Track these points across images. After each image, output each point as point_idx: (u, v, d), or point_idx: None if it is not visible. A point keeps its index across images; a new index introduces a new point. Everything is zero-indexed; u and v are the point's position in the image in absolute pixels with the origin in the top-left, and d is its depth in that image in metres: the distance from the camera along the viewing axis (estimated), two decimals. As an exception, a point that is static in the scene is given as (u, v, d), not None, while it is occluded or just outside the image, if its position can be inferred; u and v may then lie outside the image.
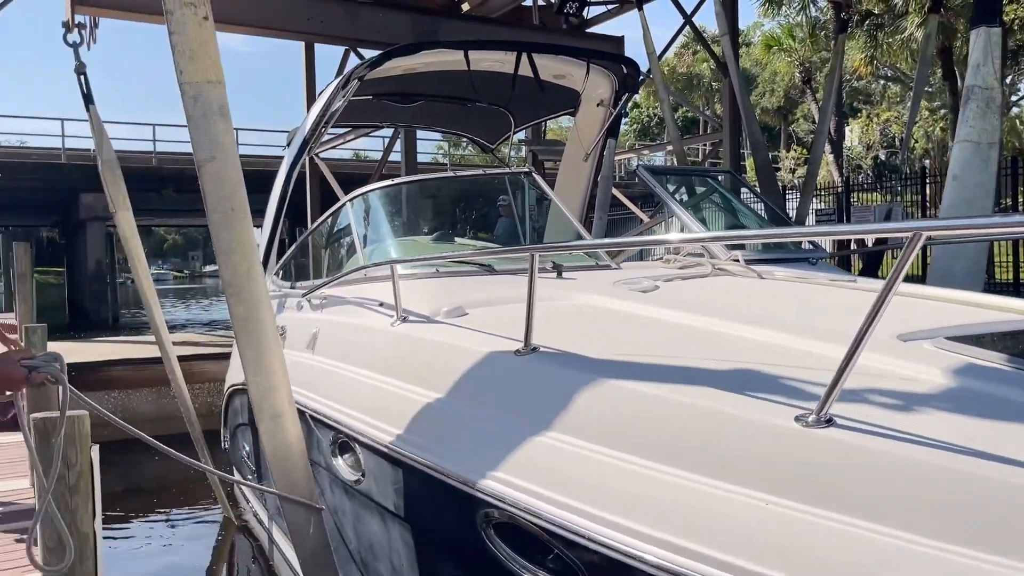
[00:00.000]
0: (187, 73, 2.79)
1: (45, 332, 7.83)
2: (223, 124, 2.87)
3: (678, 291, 3.37)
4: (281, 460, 3.21)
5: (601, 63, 5.43)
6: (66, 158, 24.48)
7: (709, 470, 1.99)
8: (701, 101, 41.98)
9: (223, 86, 2.87)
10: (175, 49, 2.77)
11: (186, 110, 2.85)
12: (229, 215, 2.95)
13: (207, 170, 2.89)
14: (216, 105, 2.85)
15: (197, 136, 2.85)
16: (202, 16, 2.77)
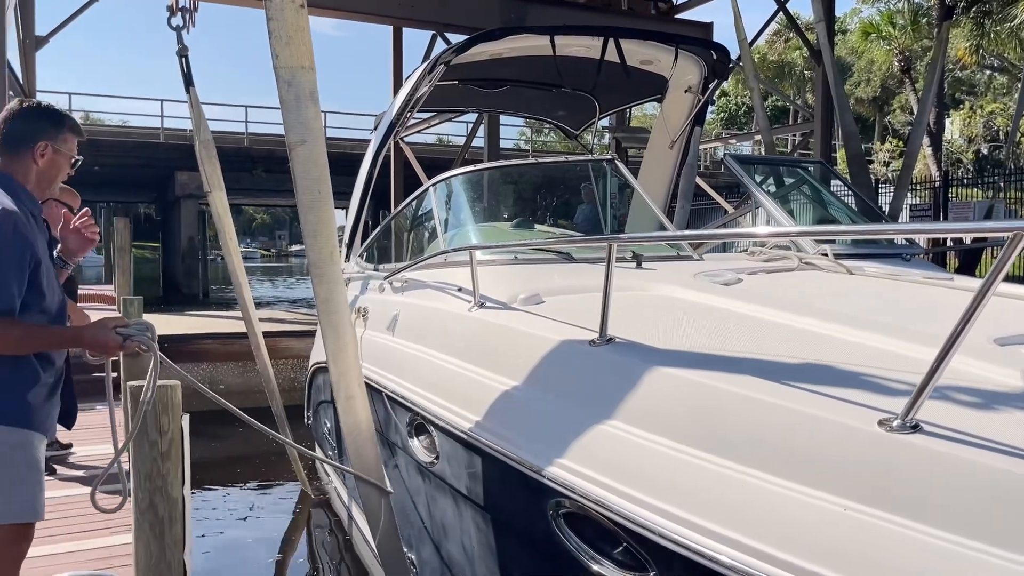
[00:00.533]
0: (282, 58, 2.86)
1: (141, 304, 8.17)
2: (313, 109, 2.94)
3: (762, 285, 3.28)
4: (353, 440, 3.28)
5: (690, 48, 5.31)
6: (164, 137, 25.49)
7: (785, 471, 1.93)
8: (792, 90, 40.85)
9: (314, 72, 2.93)
10: (272, 35, 2.84)
11: (280, 94, 2.92)
12: (317, 198, 3.01)
13: (298, 153, 2.95)
14: (308, 90, 2.91)
15: (289, 119, 2.92)
16: (298, 3, 2.84)
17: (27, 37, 15.55)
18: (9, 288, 2.38)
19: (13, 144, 2.60)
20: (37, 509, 2.56)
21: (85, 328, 2.56)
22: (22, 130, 2.60)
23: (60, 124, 2.67)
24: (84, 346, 2.55)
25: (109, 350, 2.53)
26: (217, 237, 14.27)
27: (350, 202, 5.69)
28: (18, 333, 2.42)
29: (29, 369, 2.52)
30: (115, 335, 2.49)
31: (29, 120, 2.62)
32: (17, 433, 2.49)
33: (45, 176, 2.66)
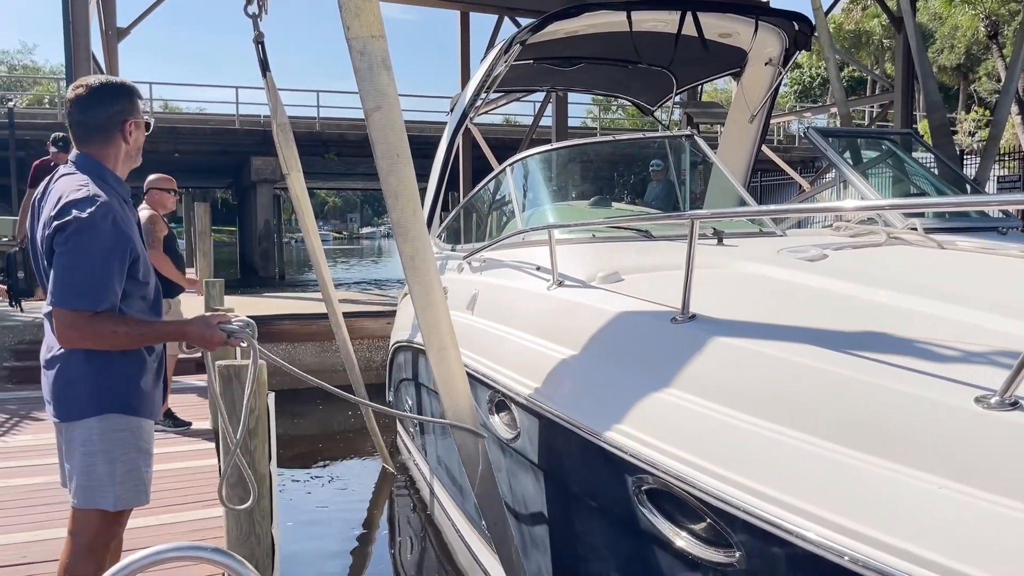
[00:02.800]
0: (353, 29, 2.90)
1: (223, 286, 8.45)
2: (386, 76, 2.97)
3: (849, 260, 3.21)
4: (448, 390, 3.36)
5: (771, 20, 5.18)
6: (240, 124, 26.05)
7: (875, 449, 1.90)
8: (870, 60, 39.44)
9: (385, 40, 2.95)
10: (342, 8, 2.88)
11: (353, 63, 2.96)
12: (395, 160, 3.05)
13: (374, 119, 2.99)
14: (380, 58, 2.95)
15: (364, 87, 2.95)
16: None
17: (109, 29, 16.08)
18: (112, 286, 2.41)
19: (99, 131, 2.56)
20: (145, 495, 2.63)
21: (189, 323, 2.59)
22: (105, 115, 2.55)
23: (132, 95, 2.62)
24: (188, 340, 2.58)
25: (212, 344, 2.56)
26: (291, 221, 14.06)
27: (427, 184, 5.75)
28: (125, 330, 2.46)
29: (136, 356, 2.57)
30: (219, 331, 2.53)
31: (107, 102, 2.55)
32: (129, 420, 2.55)
33: (132, 151, 2.65)
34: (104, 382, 2.51)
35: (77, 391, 2.50)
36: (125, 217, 2.52)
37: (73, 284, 2.37)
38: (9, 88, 36.73)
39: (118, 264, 2.43)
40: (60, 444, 2.64)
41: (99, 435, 2.51)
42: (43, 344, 2.63)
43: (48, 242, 2.42)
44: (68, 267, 2.37)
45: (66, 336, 2.41)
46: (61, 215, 2.38)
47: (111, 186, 2.53)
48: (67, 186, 2.46)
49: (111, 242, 2.41)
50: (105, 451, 2.52)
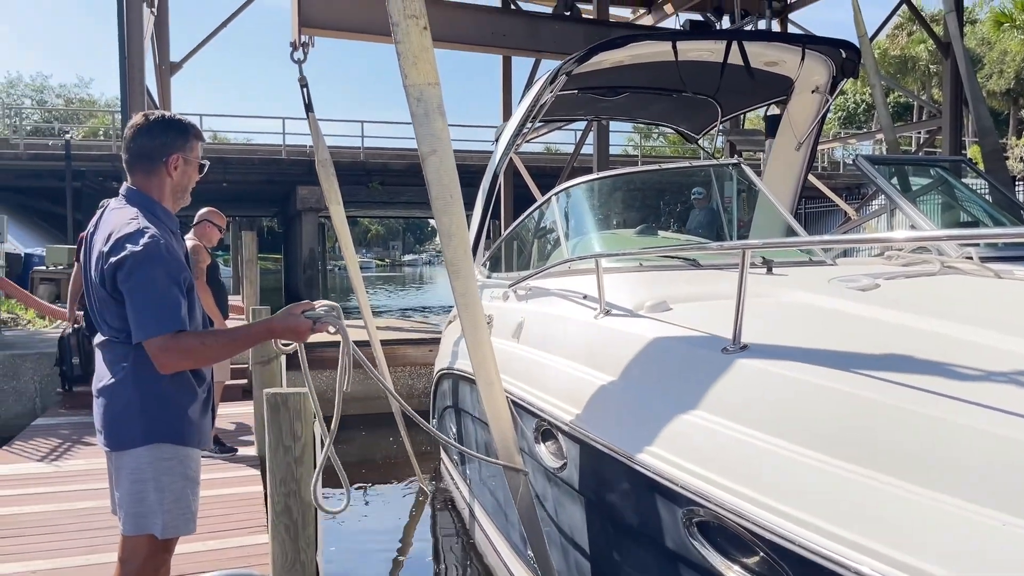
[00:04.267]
0: (411, 76, 2.99)
1: (269, 313, 8.58)
2: (441, 121, 3.06)
3: (902, 290, 3.16)
4: (495, 423, 3.42)
5: (818, 48, 5.16)
6: (286, 154, 26.60)
7: (934, 483, 1.86)
8: (916, 86, 38.98)
9: (439, 87, 3.07)
10: (400, 56, 2.98)
11: (410, 109, 3.06)
12: (449, 202, 3.14)
13: (430, 162, 3.08)
14: (435, 104, 3.04)
15: (420, 132, 3.04)
16: (422, 26, 2.98)
17: (163, 63, 16.58)
18: (180, 306, 2.47)
19: (145, 160, 2.61)
20: (192, 523, 2.67)
21: (274, 318, 2.62)
22: (152, 145, 2.61)
23: (186, 133, 2.68)
24: (277, 335, 2.61)
25: (301, 334, 2.59)
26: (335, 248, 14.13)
27: (472, 212, 5.81)
28: (213, 340, 2.53)
29: (186, 385, 2.60)
30: (304, 320, 2.56)
31: (158, 134, 2.62)
32: (178, 450, 2.59)
33: (179, 187, 2.70)
34: (154, 411, 2.55)
35: (128, 420, 2.54)
36: (175, 248, 2.57)
37: (148, 314, 2.42)
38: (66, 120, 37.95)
39: (178, 287, 2.49)
40: (111, 471, 2.69)
41: (148, 464, 2.55)
42: (95, 373, 2.68)
43: (104, 276, 2.47)
44: (138, 301, 2.42)
45: (163, 362, 2.45)
46: (116, 251, 2.43)
47: (160, 219, 2.59)
48: (118, 220, 2.52)
49: (169, 269, 2.47)
50: (154, 479, 2.55)
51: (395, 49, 3.00)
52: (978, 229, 3.87)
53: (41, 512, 5.20)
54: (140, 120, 2.64)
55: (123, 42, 12.54)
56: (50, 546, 4.58)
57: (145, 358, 2.48)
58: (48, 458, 6.55)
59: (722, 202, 5.31)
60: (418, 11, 2.96)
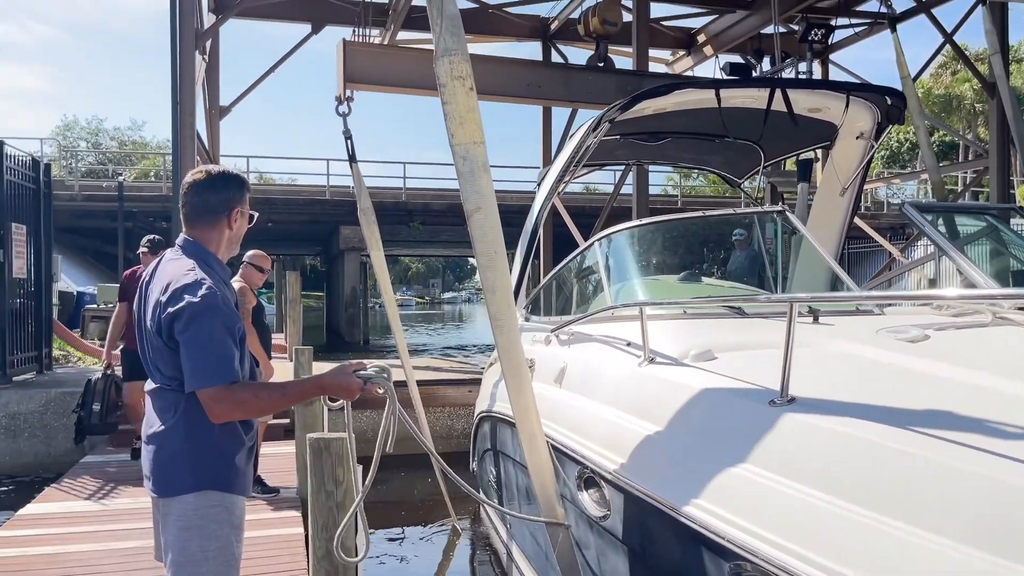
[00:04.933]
0: (457, 136, 3.07)
1: (311, 354, 8.68)
2: (486, 179, 3.13)
3: (952, 342, 3.11)
4: (537, 476, 3.44)
5: (862, 95, 5.16)
6: (330, 195, 27.06)
7: (988, 545, 1.82)
8: (961, 125, 38.52)
9: (485, 145, 3.15)
10: (447, 116, 3.07)
11: (456, 167, 3.14)
12: (493, 257, 3.20)
13: (475, 219, 3.14)
14: (480, 162, 3.12)
15: (466, 190, 3.11)
16: (468, 87, 3.07)
17: (212, 108, 17.06)
18: (234, 358, 2.52)
19: (207, 214, 2.70)
20: (236, 570, 2.68)
21: (325, 376, 2.65)
22: (216, 200, 2.70)
23: (243, 187, 2.78)
24: (327, 392, 2.65)
25: (351, 393, 2.62)
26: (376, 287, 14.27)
27: (515, 255, 5.86)
28: (267, 393, 2.57)
29: (234, 433, 2.64)
30: (355, 379, 2.60)
31: (221, 189, 2.72)
32: (224, 497, 2.61)
33: (234, 239, 2.79)
34: (202, 459, 2.58)
35: (176, 467, 2.58)
36: (231, 300, 2.64)
37: (204, 364, 2.47)
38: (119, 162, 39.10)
39: (233, 339, 2.54)
40: (156, 518, 2.72)
41: (194, 511, 2.57)
42: (144, 420, 2.73)
43: (161, 325, 2.53)
44: (195, 351, 2.47)
45: (216, 412, 2.50)
46: (174, 301, 2.49)
47: (214, 269, 2.66)
48: (175, 271, 2.59)
49: (225, 321, 2.53)
50: (200, 527, 2.58)
51: (442, 110, 3.08)
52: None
53: (86, 551, 5.28)
54: (201, 175, 2.74)
55: (176, 88, 12.95)
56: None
57: (195, 406, 2.52)
58: (95, 496, 6.66)
59: (764, 243, 5.29)
60: (465, 73, 3.05)
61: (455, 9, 3.10)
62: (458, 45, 3.07)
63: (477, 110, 3.10)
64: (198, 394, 2.49)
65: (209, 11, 16.21)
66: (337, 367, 2.66)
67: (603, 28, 13.92)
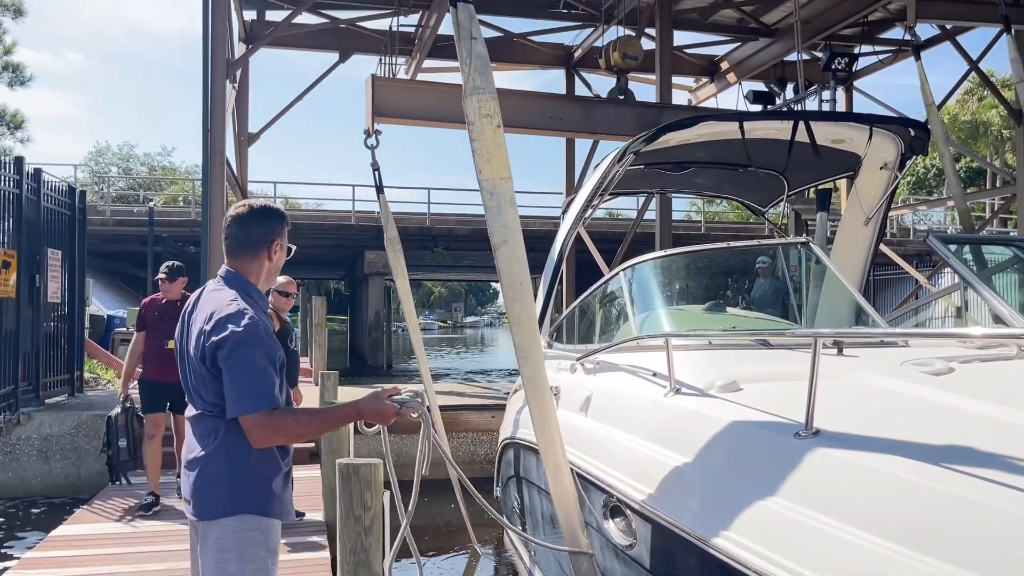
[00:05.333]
0: (485, 172, 3.17)
1: (337, 378, 8.77)
2: (512, 213, 3.22)
3: (977, 376, 3.13)
4: (561, 505, 3.47)
5: (886, 127, 5.20)
6: (355, 220, 27.33)
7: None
8: (988, 151, 38.20)
9: (511, 181, 3.23)
10: (476, 153, 3.17)
11: (484, 202, 3.24)
12: (519, 290, 3.28)
13: (502, 252, 3.23)
14: (507, 197, 3.21)
15: (493, 223, 3.20)
16: (496, 124, 3.17)
17: (241, 135, 17.37)
18: (276, 385, 2.60)
19: (252, 246, 2.81)
20: None
21: (361, 401, 2.72)
22: (258, 233, 2.81)
23: (284, 221, 2.90)
24: (364, 418, 2.73)
25: (387, 418, 2.70)
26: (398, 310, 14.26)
27: (540, 282, 5.93)
28: (307, 419, 2.67)
29: (272, 459, 2.72)
30: (391, 404, 2.67)
31: (263, 223, 2.83)
32: (262, 521, 2.69)
33: (273, 270, 2.89)
34: (241, 484, 2.66)
35: (216, 492, 2.65)
36: (271, 329, 2.73)
37: (248, 391, 2.55)
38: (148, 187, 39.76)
39: (275, 368, 2.63)
40: (194, 541, 2.80)
41: (233, 534, 2.64)
42: (184, 444, 2.82)
43: (205, 353, 2.62)
44: (239, 378, 2.56)
45: (258, 437, 2.58)
46: (217, 330, 2.58)
47: (254, 300, 2.76)
48: (219, 301, 2.68)
49: (267, 349, 2.61)
50: (238, 549, 2.64)
51: (470, 146, 3.17)
52: None
53: (117, 573, 5.37)
54: (244, 209, 2.85)
55: (207, 116, 13.21)
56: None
57: (235, 432, 2.61)
58: (125, 518, 6.76)
59: (788, 271, 5.32)
60: (492, 111, 3.15)
61: (484, 49, 3.21)
62: (486, 84, 3.17)
63: (504, 147, 3.19)
64: (240, 420, 2.57)
65: (240, 41, 16.56)
66: (373, 392, 2.74)
67: (623, 62, 14.21)
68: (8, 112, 16.18)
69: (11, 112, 16.31)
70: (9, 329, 9.42)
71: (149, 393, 6.81)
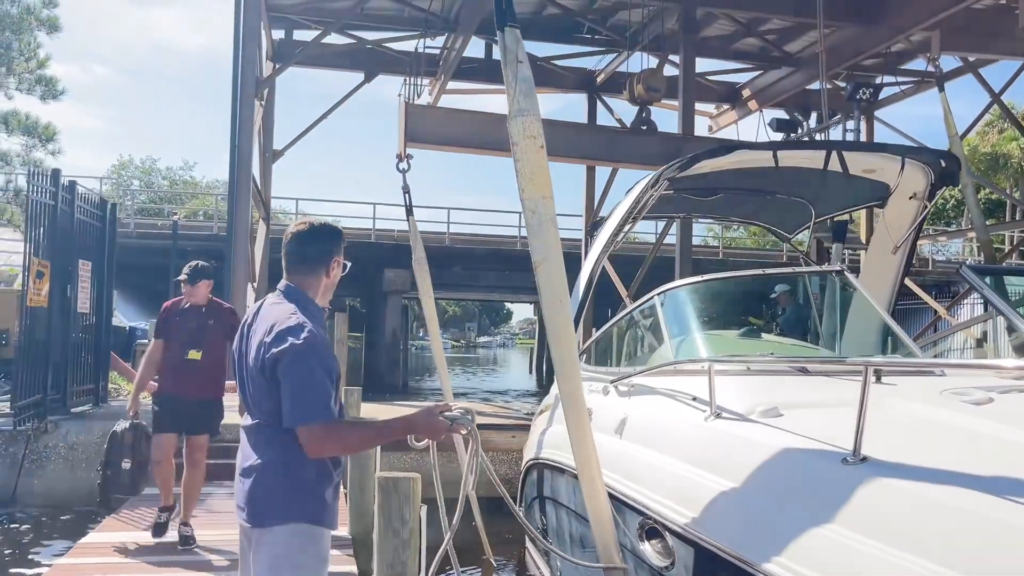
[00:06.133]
0: (527, 191, 3.25)
1: (360, 394, 8.85)
2: (553, 232, 3.30)
3: (1017, 405, 3.18)
4: (596, 521, 3.51)
5: (918, 157, 5.28)
6: (375, 237, 27.51)
7: None
8: (1008, 183, 38.05)
9: (553, 200, 3.30)
10: (519, 173, 3.25)
11: (526, 220, 3.32)
12: (559, 307, 3.33)
13: (542, 269, 3.30)
14: (548, 216, 3.28)
15: (534, 242, 3.28)
16: (540, 145, 3.25)
17: (266, 152, 17.60)
18: (332, 398, 2.69)
19: (311, 263, 2.90)
20: None
21: (414, 416, 2.80)
22: (319, 250, 2.91)
23: (341, 239, 3.00)
24: (417, 432, 2.82)
25: (437, 434, 2.80)
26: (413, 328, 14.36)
27: (571, 305, 6.01)
28: (361, 432, 2.76)
29: (325, 470, 2.79)
30: (442, 420, 2.75)
31: (324, 241, 2.93)
32: (315, 530, 2.76)
33: (330, 285, 2.97)
34: (296, 493, 2.73)
35: (271, 500, 2.73)
36: (330, 343, 2.82)
37: (307, 403, 2.64)
38: (170, 201, 40.16)
39: (332, 382, 2.71)
40: (244, 547, 2.88)
41: (286, 541, 2.72)
42: (239, 453, 2.90)
43: (264, 365, 2.70)
44: (296, 389, 2.65)
45: (316, 447, 2.66)
46: (278, 342, 2.67)
47: (313, 314, 2.83)
48: (279, 314, 2.77)
49: (324, 363, 2.69)
50: (289, 556, 2.72)
51: (514, 166, 3.26)
52: None
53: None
54: (304, 227, 2.95)
55: (234, 133, 13.45)
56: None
57: (291, 442, 2.68)
58: (153, 528, 6.82)
59: (812, 298, 5.37)
60: (536, 132, 3.24)
61: (529, 72, 3.30)
62: (531, 106, 3.26)
63: (547, 167, 3.27)
64: (297, 430, 2.65)
65: (268, 59, 16.84)
66: (425, 408, 2.82)
67: (647, 94, 14.53)
68: (40, 124, 16.43)
69: (43, 124, 16.54)
70: (40, 338, 9.56)
71: (163, 409, 6.01)
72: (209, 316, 6.07)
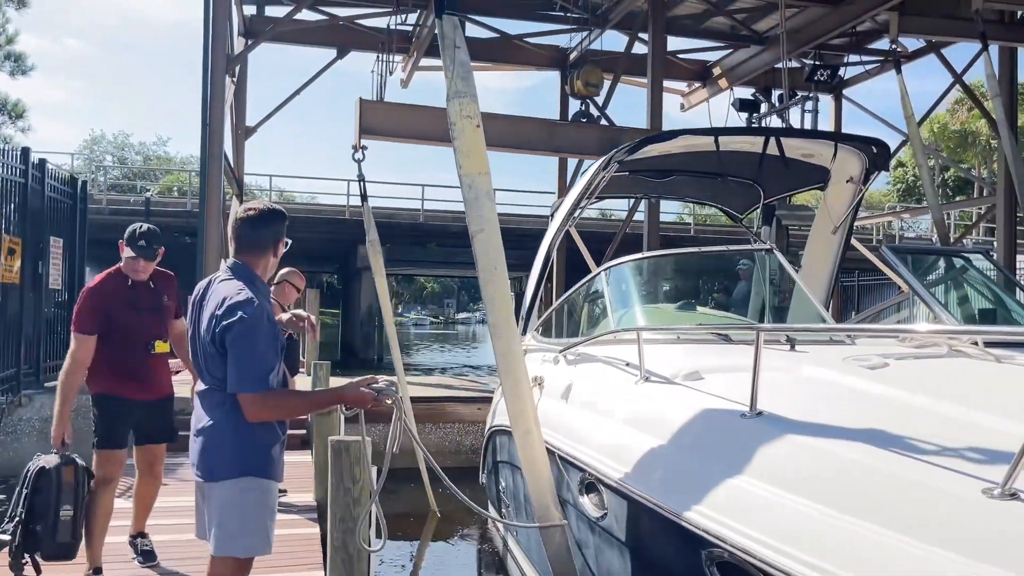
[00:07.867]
0: (464, 167, 3.56)
1: (329, 368, 9.12)
2: (489, 204, 3.61)
3: (908, 370, 3.53)
4: (530, 470, 3.83)
5: (849, 144, 5.60)
6: (349, 214, 27.57)
7: (904, 530, 2.23)
8: (977, 160, 38.73)
9: (489, 175, 3.62)
10: (457, 150, 3.56)
11: (463, 193, 3.64)
12: (493, 273, 3.68)
13: (478, 239, 3.62)
14: (484, 190, 3.60)
15: (471, 213, 3.59)
16: (475, 124, 3.55)
17: (239, 128, 17.62)
18: (273, 370, 2.99)
19: (260, 245, 3.21)
20: (269, 545, 3.17)
21: (344, 388, 3.13)
22: (266, 233, 3.21)
23: (285, 220, 3.30)
24: (345, 402, 3.12)
25: (364, 403, 3.09)
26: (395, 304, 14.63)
27: (528, 280, 6.31)
28: (295, 400, 3.09)
29: (271, 428, 3.12)
30: (369, 392, 3.07)
31: (270, 224, 3.23)
32: (262, 483, 3.10)
33: (274, 263, 3.32)
34: (244, 450, 3.05)
35: (221, 456, 3.05)
36: (273, 316, 3.12)
37: (248, 372, 2.94)
38: (143, 177, 39.93)
39: (274, 353, 3.02)
40: (199, 500, 3.20)
41: (235, 493, 3.05)
42: (193, 416, 3.20)
43: (215, 335, 2.99)
44: (241, 359, 2.94)
45: (253, 413, 2.97)
46: (228, 315, 2.96)
47: (259, 290, 3.15)
48: (229, 290, 3.05)
49: (270, 336, 3.01)
50: (237, 505, 3.05)
51: (452, 144, 3.55)
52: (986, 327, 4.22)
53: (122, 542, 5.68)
54: (253, 213, 3.24)
55: (206, 110, 13.50)
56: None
57: (238, 405, 2.99)
58: (127, 495, 7.06)
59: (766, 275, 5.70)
60: (472, 112, 3.55)
61: (466, 57, 3.59)
62: (468, 88, 3.55)
63: (483, 145, 3.57)
64: (238, 397, 2.96)
65: (240, 35, 16.84)
66: (353, 381, 3.15)
67: (586, 89, 15.48)
68: (10, 102, 16.42)
69: (12, 102, 16.53)
70: (13, 313, 9.72)
71: (109, 417, 4.63)
72: (161, 292, 4.75)
